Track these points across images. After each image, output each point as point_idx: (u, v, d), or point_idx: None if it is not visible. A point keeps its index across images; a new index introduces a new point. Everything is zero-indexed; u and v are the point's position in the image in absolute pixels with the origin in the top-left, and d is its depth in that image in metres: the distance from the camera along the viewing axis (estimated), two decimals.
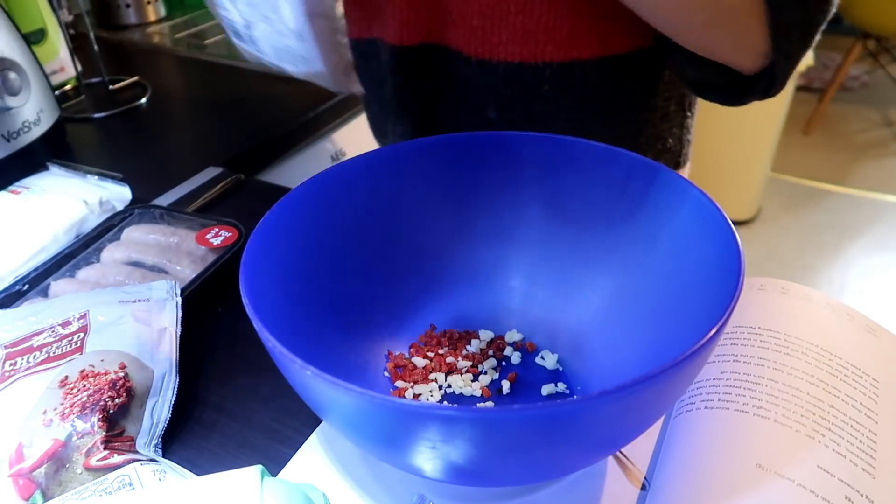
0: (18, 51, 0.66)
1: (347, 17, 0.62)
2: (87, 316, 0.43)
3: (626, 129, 0.59)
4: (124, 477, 0.34)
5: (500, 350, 0.44)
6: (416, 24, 0.56)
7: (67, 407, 0.37)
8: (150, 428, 0.39)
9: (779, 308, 0.41)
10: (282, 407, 0.42)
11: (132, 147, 0.75)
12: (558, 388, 0.41)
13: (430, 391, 0.41)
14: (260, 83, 0.92)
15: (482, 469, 0.30)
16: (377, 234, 0.44)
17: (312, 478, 0.37)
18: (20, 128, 0.65)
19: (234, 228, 0.54)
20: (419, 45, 0.57)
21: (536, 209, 0.45)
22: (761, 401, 0.35)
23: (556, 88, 0.55)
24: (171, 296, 0.45)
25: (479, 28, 0.53)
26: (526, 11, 0.51)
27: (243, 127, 0.80)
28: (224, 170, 0.67)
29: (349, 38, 0.64)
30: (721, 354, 0.38)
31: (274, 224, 0.38)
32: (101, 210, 0.59)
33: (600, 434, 0.29)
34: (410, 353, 0.44)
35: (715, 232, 0.35)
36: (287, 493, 0.29)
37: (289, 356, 0.28)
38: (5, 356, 0.41)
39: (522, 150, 0.44)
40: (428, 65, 0.58)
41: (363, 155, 0.43)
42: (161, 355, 0.42)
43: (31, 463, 0.34)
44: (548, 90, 0.55)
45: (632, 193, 0.41)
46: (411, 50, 0.57)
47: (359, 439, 0.32)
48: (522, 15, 0.52)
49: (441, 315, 0.46)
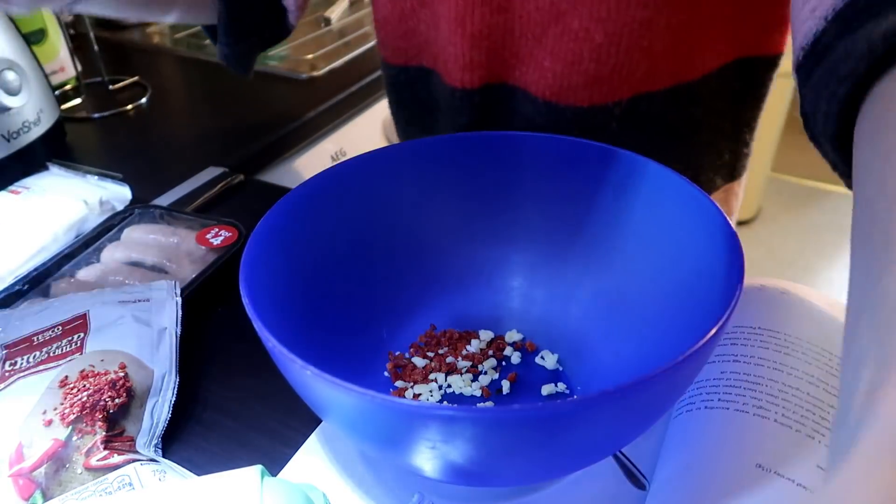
0: (18, 51, 0.66)
1: (384, 43, 0.60)
2: (87, 316, 0.43)
3: (688, 151, 0.57)
4: (124, 477, 0.34)
5: (500, 350, 0.44)
6: (480, 65, 0.53)
7: (67, 407, 0.37)
8: (150, 428, 0.39)
9: (779, 308, 0.41)
10: (282, 407, 0.42)
11: (132, 147, 0.75)
12: (558, 388, 0.41)
13: (429, 391, 0.41)
14: (260, 83, 0.92)
15: (482, 469, 0.30)
16: (377, 234, 0.44)
17: (312, 478, 0.37)
18: (20, 128, 0.65)
19: (234, 228, 0.54)
20: (482, 86, 0.54)
21: (536, 209, 0.45)
22: (761, 401, 0.35)
23: (623, 123, 0.53)
24: (172, 296, 0.45)
25: (549, 71, 0.51)
26: (601, 60, 0.49)
27: (243, 127, 0.80)
28: (224, 170, 0.67)
29: (385, 62, 0.62)
30: (721, 354, 0.38)
31: (274, 224, 0.38)
32: (101, 210, 0.59)
33: (600, 434, 0.29)
34: (410, 353, 0.44)
35: (715, 232, 0.35)
36: (287, 493, 0.29)
37: (289, 356, 0.28)
38: (5, 356, 0.41)
39: (522, 150, 0.44)
40: (490, 102, 0.56)
41: (363, 155, 0.43)
42: (161, 355, 0.42)
43: (31, 463, 0.34)
44: (615, 126, 0.53)
45: (632, 193, 0.41)
46: (474, 92, 0.55)
47: (359, 439, 0.32)
48: (597, 63, 0.49)
49: (441, 315, 0.46)
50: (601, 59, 0.49)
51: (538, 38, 0.50)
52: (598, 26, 0.47)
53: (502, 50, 0.52)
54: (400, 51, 0.59)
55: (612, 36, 0.48)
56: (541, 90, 0.52)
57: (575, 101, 0.52)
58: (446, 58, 0.54)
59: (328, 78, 0.94)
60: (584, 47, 0.49)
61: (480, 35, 0.51)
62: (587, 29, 0.48)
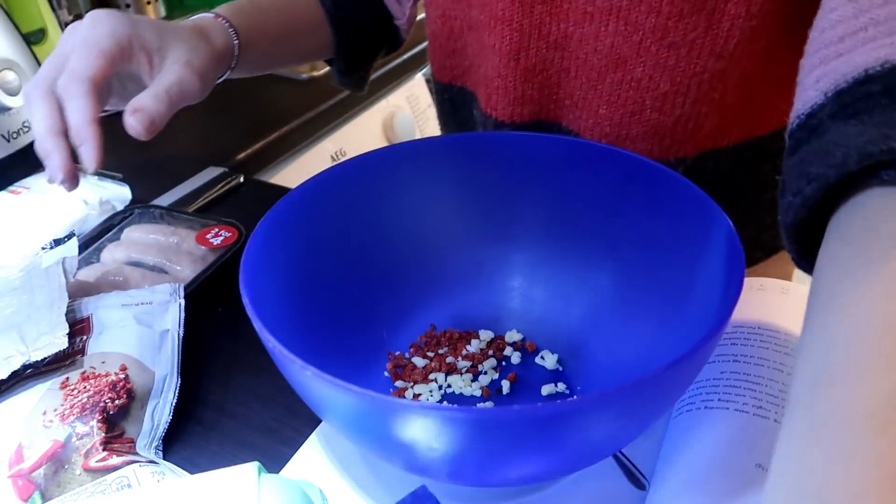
0: (18, 51, 0.66)
1: (432, 57, 0.59)
2: (89, 318, 0.43)
3: (753, 210, 0.53)
4: (123, 478, 0.34)
5: (500, 350, 0.44)
6: (530, 101, 0.50)
7: (67, 408, 0.37)
8: (150, 430, 0.39)
9: (779, 308, 0.41)
10: (282, 407, 0.42)
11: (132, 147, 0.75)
12: (558, 388, 0.41)
13: (429, 391, 0.41)
14: (260, 83, 0.92)
15: (482, 469, 0.30)
16: (377, 234, 0.44)
17: (312, 477, 0.37)
18: (20, 128, 0.65)
19: (234, 228, 0.54)
20: (530, 121, 0.51)
21: (536, 209, 0.45)
22: (761, 401, 0.35)
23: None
24: (174, 298, 0.45)
25: (605, 118, 0.47)
26: (664, 110, 0.45)
27: (243, 127, 0.80)
28: (224, 170, 0.67)
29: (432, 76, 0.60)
30: (721, 354, 0.38)
31: (274, 224, 0.38)
32: (101, 210, 0.59)
33: (600, 434, 0.29)
34: (410, 353, 0.44)
35: (715, 232, 0.35)
36: (284, 488, 0.29)
37: (289, 356, 0.28)
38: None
39: (522, 150, 0.44)
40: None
41: (363, 155, 0.43)
42: (163, 357, 0.42)
43: (30, 464, 0.34)
44: None
45: (632, 193, 0.41)
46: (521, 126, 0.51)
47: (359, 439, 0.32)
48: (659, 113, 0.45)
49: (441, 315, 0.46)
50: (665, 109, 0.45)
51: (594, 84, 0.47)
52: (664, 75, 0.44)
53: (557, 89, 0.49)
54: (445, 69, 0.57)
55: (679, 86, 0.44)
56: (594, 135, 0.49)
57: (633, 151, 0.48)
58: (491, 91, 0.51)
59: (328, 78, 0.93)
60: (647, 96, 0.45)
61: (534, 70, 0.48)
62: (651, 77, 0.44)
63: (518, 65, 0.48)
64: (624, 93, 0.46)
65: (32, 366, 0.39)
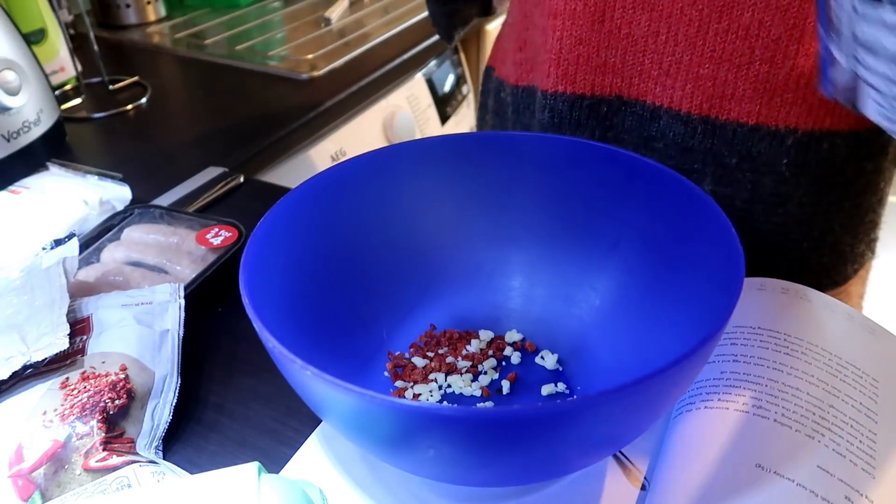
0: (18, 51, 0.66)
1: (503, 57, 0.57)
2: (89, 318, 0.43)
3: (854, 215, 0.49)
4: (123, 478, 0.34)
5: (500, 350, 0.44)
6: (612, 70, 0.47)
7: (67, 408, 0.37)
8: (150, 430, 0.39)
9: (779, 308, 0.41)
10: (282, 407, 0.42)
11: (132, 147, 0.75)
12: (558, 388, 0.41)
13: (429, 391, 0.41)
14: (260, 83, 0.92)
15: (482, 469, 0.30)
16: (377, 234, 0.44)
17: (312, 477, 0.37)
18: (20, 128, 0.65)
19: (234, 228, 0.54)
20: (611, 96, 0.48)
21: (536, 209, 0.45)
22: (761, 401, 0.35)
23: (796, 163, 0.44)
24: (175, 298, 0.45)
25: (707, 78, 0.43)
26: (775, 61, 0.41)
27: (243, 127, 0.80)
28: (224, 170, 0.67)
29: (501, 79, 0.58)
30: (721, 354, 0.38)
31: (274, 224, 0.38)
32: (101, 210, 0.59)
33: (600, 434, 0.29)
34: (410, 353, 0.44)
35: (715, 232, 0.35)
36: (284, 488, 0.29)
37: (289, 356, 0.28)
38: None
39: (522, 150, 0.44)
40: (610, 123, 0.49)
41: (363, 155, 0.43)
42: (163, 357, 0.42)
43: (30, 464, 0.34)
44: (785, 165, 0.45)
45: (632, 193, 0.41)
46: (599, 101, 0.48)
47: (359, 439, 0.32)
48: (770, 64, 0.41)
49: (441, 315, 0.46)
50: (776, 59, 0.41)
51: (692, 41, 0.43)
52: (776, 17, 0.40)
53: (642, 57, 0.45)
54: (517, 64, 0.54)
55: (793, 29, 0.40)
56: (693, 103, 0.45)
57: (737, 116, 0.44)
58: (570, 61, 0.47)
59: (328, 78, 0.94)
60: (757, 45, 0.41)
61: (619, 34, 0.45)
62: (761, 22, 0.40)
63: (602, 27, 0.45)
64: (730, 44, 0.42)
65: (33, 366, 0.39)
